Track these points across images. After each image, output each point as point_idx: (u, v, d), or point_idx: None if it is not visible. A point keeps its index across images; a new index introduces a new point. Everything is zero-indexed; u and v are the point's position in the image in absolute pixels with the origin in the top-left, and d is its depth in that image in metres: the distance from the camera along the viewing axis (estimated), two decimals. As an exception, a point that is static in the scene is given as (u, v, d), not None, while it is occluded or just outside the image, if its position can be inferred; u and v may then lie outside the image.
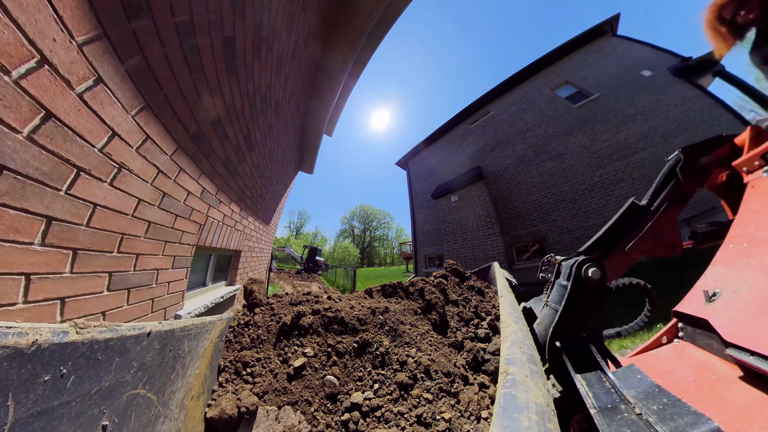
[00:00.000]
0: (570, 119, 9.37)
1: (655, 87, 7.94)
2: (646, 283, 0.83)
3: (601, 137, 8.46)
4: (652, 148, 7.50)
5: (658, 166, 6.82)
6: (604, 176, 8.10)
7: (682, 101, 7.38)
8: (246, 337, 0.87)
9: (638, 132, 7.90)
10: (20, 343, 0.35)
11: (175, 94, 1.67)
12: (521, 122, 10.74)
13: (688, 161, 0.79)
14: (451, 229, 10.84)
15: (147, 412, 0.51)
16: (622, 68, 8.82)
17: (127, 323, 0.52)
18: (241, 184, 3.19)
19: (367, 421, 0.71)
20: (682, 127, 7.24)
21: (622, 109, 8.37)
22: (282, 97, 3.97)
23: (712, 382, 0.53)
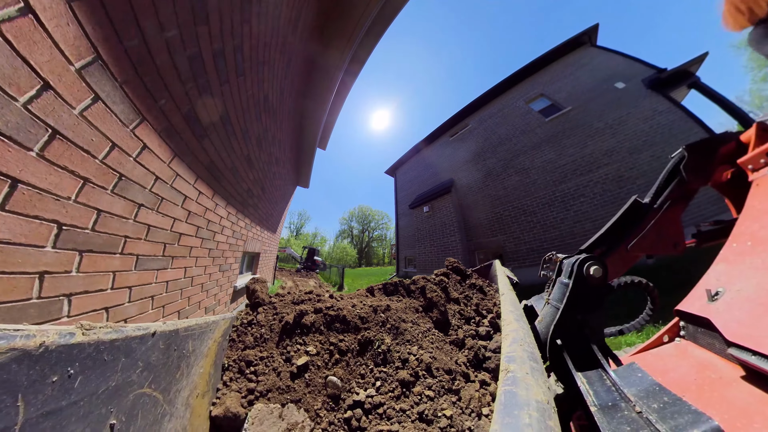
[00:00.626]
0: (540, 133, 9.55)
1: (627, 99, 7.95)
2: (648, 282, 0.83)
3: (567, 152, 8.61)
4: (617, 164, 7.59)
5: (620, 181, 7.39)
6: (565, 191, 8.32)
7: (653, 115, 7.35)
8: (249, 336, 0.88)
9: (604, 147, 7.99)
10: (28, 345, 0.36)
11: (238, 187, 3.45)
12: (494, 136, 10.98)
13: (692, 159, 0.77)
14: (422, 236, 11.93)
15: (153, 410, 0.52)
16: (596, 80, 8.86)
17: (131, 324, 0.52)
18: (260, 213, 5.29)
19: (369, 418, 0.72)
20: (649, 141, 7.22)
21: (591, 122, 8.45)
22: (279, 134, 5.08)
23: (713, 381, 0.53)
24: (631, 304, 3.23)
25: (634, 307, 3.54)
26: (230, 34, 2.43)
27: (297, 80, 5.07)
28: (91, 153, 1.32)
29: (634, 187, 7.21)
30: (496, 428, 0.34)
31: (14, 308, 1.06)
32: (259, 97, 3.55)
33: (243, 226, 4.19)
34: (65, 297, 1.24)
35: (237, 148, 3.29)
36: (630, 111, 7.79)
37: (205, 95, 2.35)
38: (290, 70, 4.25)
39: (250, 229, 4.69)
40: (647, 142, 7.27)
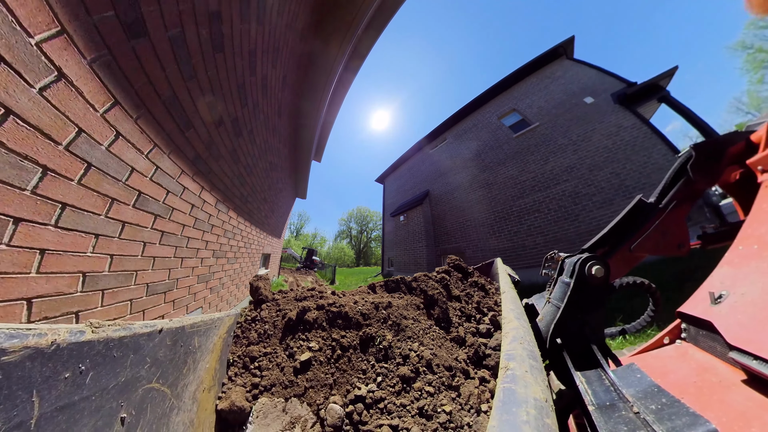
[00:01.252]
0: (507, 149, 10.02)
1: (594, 115, 8.00)
2: (650, 283, 0.82)
3: (529, 168, 8.94)
4: (576, 180, 7.75)
5: (576, 197, 7.55)
6: (522, 206, 8.75)
7: (617, 131, 7.37)
8: (253, 333, 0.90)
9: (565, 163, 8.15)
10: (40, 343, 0.37)
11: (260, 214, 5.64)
12: (467, 150, 11.58)
13: (700, 158, 0.76)
14: (399, 240, 13.78)
15: (162, 404, 0.54)
16: (567, 94, 8.97)
17: (139, 322, 0.54)
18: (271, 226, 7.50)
19: (370, 412, 0.73)
20: (611, 158, 7.32)
21: (556, 139, 8.61)
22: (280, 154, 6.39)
23: (712, 385, 0.53)
24: (631, 305, 3.21)
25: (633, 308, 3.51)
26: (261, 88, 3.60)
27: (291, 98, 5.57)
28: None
29: (589, 203, 7.43)
30: (494, 424, 0.34)
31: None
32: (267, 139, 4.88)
33: (263, 237, 6.85)
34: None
35: (260, 191, 5.34)
36: (595, 127, 7.85)
37: (251, 175, 4.32)
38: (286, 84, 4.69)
39: (266, 238, 7.28)
40: (608, 158, 7.39)
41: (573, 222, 7.66)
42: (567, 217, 7.74)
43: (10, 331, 0.35)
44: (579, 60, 9.35)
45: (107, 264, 1.71)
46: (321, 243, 64.20)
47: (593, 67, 8.86)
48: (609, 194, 7.26)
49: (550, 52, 9.74)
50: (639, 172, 6.89)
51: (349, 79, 6.57)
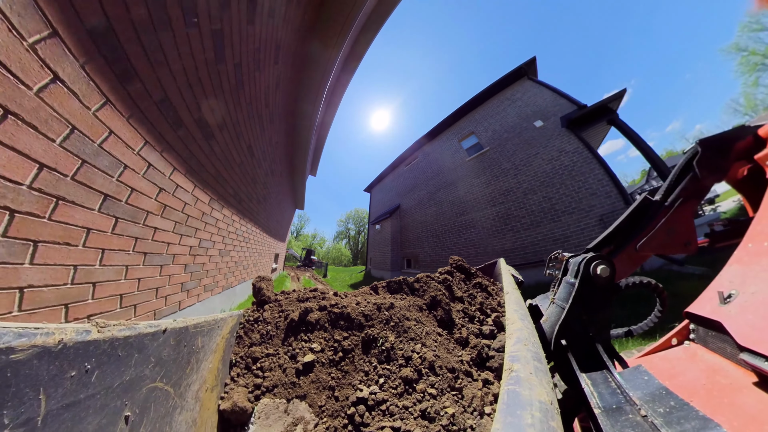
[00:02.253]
0: (459, 172, 11.19)
1: (540, 139, 8.41)
2: (657, 283, 0.80)
3: (473, 190, 10.15)
4: (510, 203, 8.66)
5: (507, 218, 8.59)
6: (462, 222, 10.30)
7: (558, 155, 7.77)
8: (256, 333, 0.90)
9: (504, 187, 9.04)
10: (48, 342, 0.38)
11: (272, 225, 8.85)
12: (430, 170, 13.15)
13: (706, 154, 0.74)
14: (376, 244, 17.57)
15: (165, 403, 0.55)
16: (520, 118, 9.48)
17: (143, 322, 0.55)
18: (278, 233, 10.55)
19: (372, 414, 0.73)
20: (546, 182, 7.86)
21: (501, 163, 9.45)
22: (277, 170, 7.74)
23: (722, 387, 0.52)
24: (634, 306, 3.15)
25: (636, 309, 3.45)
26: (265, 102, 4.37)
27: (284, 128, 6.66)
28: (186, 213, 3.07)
29: (517, 225, 8.37)
30: (498, 427, 0.34)
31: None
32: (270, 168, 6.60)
33: (272, 242, 9.54)
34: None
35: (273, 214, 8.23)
36: (538, 151, 8.31)
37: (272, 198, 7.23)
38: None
39: (275, 242, 10.23)
40: (544, 183, 7.93)
41: (500, 239, 8.85)
42: (496, 235, 8.97)
43: (19, 329, 0.36)
44: (539, 81, 9.61)
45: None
46: (320, 243, 65.06)
47: (550, 88, 9.04)
48: (537, 217, 7.96)
49: (514, 72, 10.02)
50: (571, 197, 7.32)
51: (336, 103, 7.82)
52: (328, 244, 68.02)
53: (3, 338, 0.34)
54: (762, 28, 20.36)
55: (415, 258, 12.81)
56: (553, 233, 7.60)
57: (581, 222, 7.04)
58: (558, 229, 7.53)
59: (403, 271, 13.83)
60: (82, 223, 1.66)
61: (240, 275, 5.61)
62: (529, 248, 8.03)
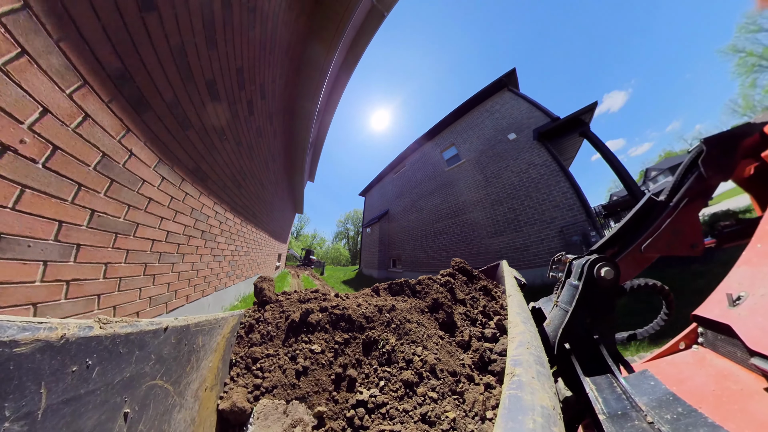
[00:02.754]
0: (438, 181, 12.09)
1: (512, 152, 8.86)
2: (663, 285, 0.78)
3: (449, 199, 11.06)
4: (478, 212, 9.40)
5: (474, 226, 9.50)
6: (436, 228, 11.45)
7: (527, 168, 8.16)
8: (256, 334, 0.90)
9: (474, 198, 9.76)
10: (50, 336, 0.38)
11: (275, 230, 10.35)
12: (414, 179, 14.27)
13: (712, 153, 0.72)
14: (367, 245, 19.48)
15: (164, 401, 0.55)
16: (496, 130, 9.94)
17: (145, 319, 0.55)
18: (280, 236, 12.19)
19: (372, 417, 0.72)
20: (513, 194, 8.37)
21: (474, 174, 10.11)
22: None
23: (732, 393, 0.50)
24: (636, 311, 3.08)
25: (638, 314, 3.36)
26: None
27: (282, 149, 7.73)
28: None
29: (483, 233, 9.21)
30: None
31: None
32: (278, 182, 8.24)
33: (276, 244, 10.67)
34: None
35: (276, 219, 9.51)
36: (509, 164, 8.79)
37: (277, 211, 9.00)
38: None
39: (279, 244, 11.16)
40: (511, 195, 8.46)
41: (467, 245, 9.71)
42: (464, 241, 9.85)
43: (23, 323, 0.37)
44: (517, 93, 9.87)
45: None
46: (320, 243, 65.80)
47: (527, 100, 9.25)
48: (501, 227, 8.62)
49: (494, 84, 10.30)
50: (534, 208, 7.74)
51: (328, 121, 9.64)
52: (328, 244, 68.60)
53: (7, 331, 0.34)
54: (759, 29, 20.51)
55: (398, 258, 14.48)
56: (515, 242, 8.14)
57: (542, 233, 7.44)
58: (519, 239, 8.04)
59: (389, 270, 15.39)
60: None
61: (256, 270, 7.96)
62: (492, 255, 8.75)
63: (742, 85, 21.60)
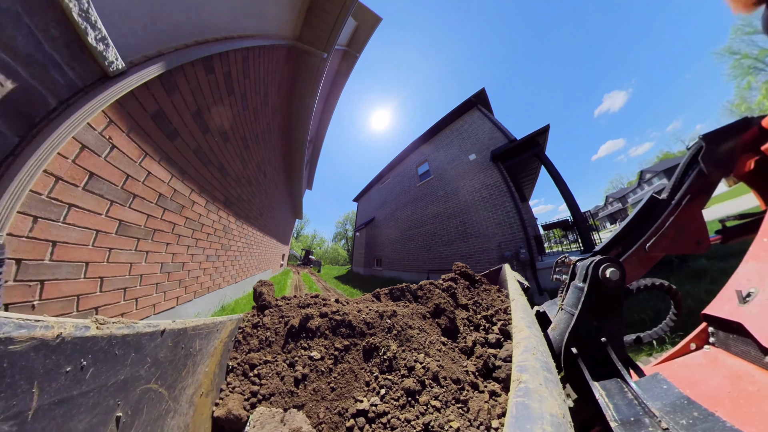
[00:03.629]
0: (411, 195, 13.89)
1: (470, 172, 9.98)
2: (670, 284, 0.76)
3: (417, 212, 12.84)
4: (437, 225, 11.07)
5: (433, 236, 11.41)
6: (407, 235, 13.47)
7: (480, 188, 9.30)
8: (255, 339, 0.89)
9: (435, 211, 11.38)
10: (46, 335, 0.38)
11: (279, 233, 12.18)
12: (394, 191, 16.13)
13: (711, 148, 0.72)
14: (357, 247, 22.20)
15: (158, 406, 0.54)
16: (461, 150, 10.97)
17: (142, 321, 0.55)
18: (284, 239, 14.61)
19: (372, 427, 0.69)
20: (465, 210, 9.67)
21: (437, 191, 11.58)
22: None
23: (749, 395, 0.47)
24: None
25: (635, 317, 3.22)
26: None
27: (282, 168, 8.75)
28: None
29: (438, 241, 10.84)
30: None
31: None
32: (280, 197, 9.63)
33: (281, 247, 13.27)
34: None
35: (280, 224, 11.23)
36: (466, 183, 9.95)
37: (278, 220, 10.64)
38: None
39: (283, 246, 13.49)
40: (463, 210, 9.78)
41: (427, 251, 11.67)
42: (424, 248, 11.83)
43: (19, 320, 0.36)
44: (485, 113, 10.60)
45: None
46: (320, 243, 66.79)
47: (492, 121, 10.05)
48: (452, 237, 10.12)
49: (465, 103, 11.06)
50: (481, 224, 8.95)
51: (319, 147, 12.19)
52: (328, 244, 69.17)
53: (3, 328, 0.34)
54: (754, 31, 20.55)
55: (380, 259, 16.75)
56: (461, 251, 9.53)
57: (483, 245, 8.73)
58: (465, 248, 9.41)
59: (373, 268, 17.75)
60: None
61: (267, 265, 9.84)
62: (443, 260, 10.45)
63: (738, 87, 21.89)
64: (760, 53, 21.00)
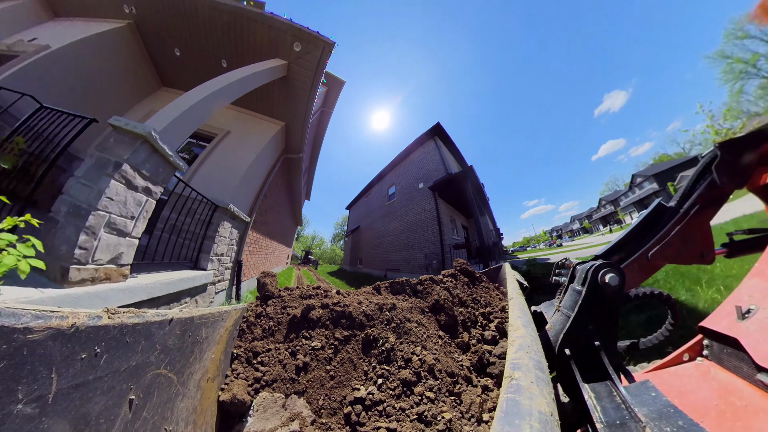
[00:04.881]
0: (382, 211, 17.97)
1: (418, 197, 13.42)
2: (669, 294, 0.76)
3: (384, 225, 16.87)
4: (393, 236, 15.13)
5: (390, 245, 16.09)
6: (376, 242, 17.59)
7: (421, 212, 12.89)
8: (258, 328, 0.92)
9: (394, 226, 15.34)
10: (62, 325, 0.40)
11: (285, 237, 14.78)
12: (373, 206, 20.11)
13: (726, 158, 0.68)
14: (346, 249, 27.49)
15: (168, 389, 0.57)
16: (415, 178, 14.25)
17: (151, 310, 0.57)
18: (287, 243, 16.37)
19: (369, 414, 0.73)
20: (409, 228, 13.43)
21: (396, 211, 15.64)
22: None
23: (737, 409, 0.48)
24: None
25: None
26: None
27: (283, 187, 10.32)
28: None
29: (392, 249, 15.11)
30: None
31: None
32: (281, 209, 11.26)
33: (286, 249, 15.60)
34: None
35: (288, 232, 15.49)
36: (414, 207, 13.56)
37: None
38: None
39: (287, 248, 15.57)
40: (408, 228, 13.59)
41: (386, 256, 15.92)
42: (385, 253, 16.06)
43: (36, 312, 0.38)
44: (438, 145, 13.48)
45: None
46: (319, 244, 69.96)
47: (440, 154, 12.94)
48: (401, 247, 14.18)
49: (425, 134, 14.17)
50: (416, 240, 12.70)
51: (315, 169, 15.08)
52: (327, 245, 71.86)
53: (21, 319, 0.36)
54: (746, 35, 20.47)
55: (361, 259, 21.34)
56: (404, 257, 13.68)
57: (416, 254, 12.56)
58: (406, 256, 13.45)
59: (357, 266, 22.10)
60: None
61: (279, 263, 12.10)
62: (395, 263, 14.53)
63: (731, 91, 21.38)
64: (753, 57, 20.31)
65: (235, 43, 4.64)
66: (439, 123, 13.37)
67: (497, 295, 1.28)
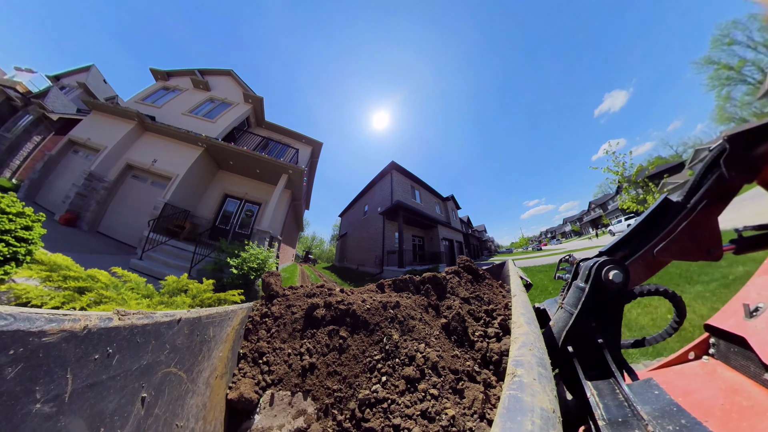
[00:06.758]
0: (359, 223, 24.11)
1: (376, 218, 19.57)
2: (674, 292, 0.75)
3: (360, 235, 23.67)
4: (364, 242, 21.87)
5: (360, 250, 25.44)
6: (354, 246, 25.27)
7: (378, 229, 18.88)
8: (264, 327, 0.94)
9: (363, 235, 22.13)
10: (75, 327, 0.42)
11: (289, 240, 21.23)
12: (355, 217, 26.39)
13: (736, 151, 0.66)
14: (337, 250, 36.53)
15: (178, 387, 0.59)
16: (377, 202, 20.93)
17: (160, 311, 0.58)
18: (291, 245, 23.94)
19: (373, 411, 0.74)
20: (371, 239, 20.21)
21: (366, 225, 21.83)
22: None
23: (743, 409, 0.48)
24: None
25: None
26: None
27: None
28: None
29: (360, 251, 23.04)
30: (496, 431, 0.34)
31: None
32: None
33: (291, 249, 21.81)
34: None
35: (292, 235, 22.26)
36: (373, 224, 19.97)
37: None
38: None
39: (292, 249, 22.72)
40: (371, 239, 20.07)
41: (359, 256, 22.34)
42: (358, 254, 22.59)
43: (49, 315, 0.40)
44: (393, 177, 19.69)
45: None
46: (319, 244, 73.61)
47: (391, 185, 19.01)
48: (365, 250, 20.79)
49: (386, 168, 20.46)
50: (372, 248, 19.34)
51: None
52: (326, 245, 74.72)
53: (36, 323, 0.37)
54: (733, 42, 20.69)
55: (347, 257, 27.21)
56: (367, 256, 19.78)
57: (372, 255, 19.01)
58: (367, 257, 19.74)
59: (343, 263, 28.69)
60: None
61: (288, 260, 17.71)
62: (362, 261, 20.50)
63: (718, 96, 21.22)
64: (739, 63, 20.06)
65: (260, 164, 10.42)
66: (393, 161, 20.09)
67: (500, 292, 1.28)
